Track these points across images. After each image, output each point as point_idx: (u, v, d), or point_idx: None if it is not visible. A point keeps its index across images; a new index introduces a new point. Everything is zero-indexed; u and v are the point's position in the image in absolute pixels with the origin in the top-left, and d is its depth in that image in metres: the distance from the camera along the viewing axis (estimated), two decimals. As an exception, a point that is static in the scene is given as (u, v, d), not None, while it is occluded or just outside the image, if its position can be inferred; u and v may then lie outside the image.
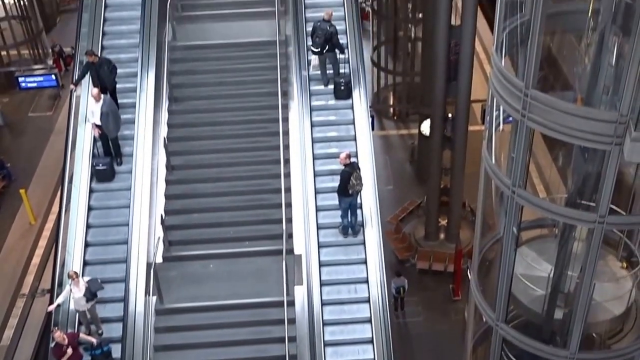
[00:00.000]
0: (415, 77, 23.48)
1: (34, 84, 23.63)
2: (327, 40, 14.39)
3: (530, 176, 17.30)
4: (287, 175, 13.69)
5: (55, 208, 19.40)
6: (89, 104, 13.83)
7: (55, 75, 23.74)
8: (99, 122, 13.38)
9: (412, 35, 23.39)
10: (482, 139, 10.65)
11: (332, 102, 14.87)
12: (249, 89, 15.36)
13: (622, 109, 7.99)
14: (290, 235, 12.99)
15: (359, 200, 13.33)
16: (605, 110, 9.00)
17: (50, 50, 25.83)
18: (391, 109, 25.59)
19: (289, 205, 13.20)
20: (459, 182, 18.91)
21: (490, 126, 10.47)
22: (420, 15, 22.38)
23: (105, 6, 16.04)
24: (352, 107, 14.76)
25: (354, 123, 14.55)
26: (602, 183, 8.81)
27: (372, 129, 15.69)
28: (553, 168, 14.88)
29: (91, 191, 13.58)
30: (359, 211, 13.32)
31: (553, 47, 10.36)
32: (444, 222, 19.97)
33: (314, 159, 14.03)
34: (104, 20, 15.86)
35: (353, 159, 13.05)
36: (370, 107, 15.58)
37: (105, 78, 13.90)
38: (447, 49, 16.98)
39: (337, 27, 14.73)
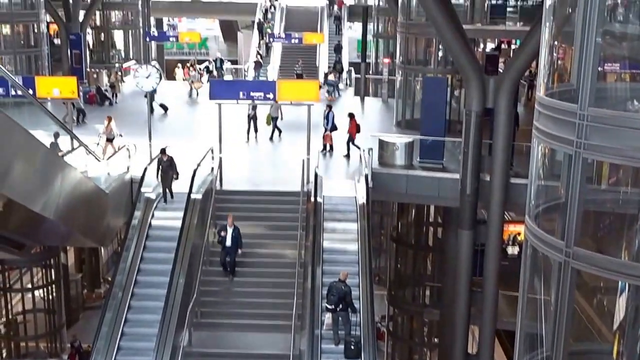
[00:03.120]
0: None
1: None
2: (341, 299, 15.15)
3: None
4: None
5: None
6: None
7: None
8: None
9: None
10: None
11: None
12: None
13: None
14: None
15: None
16: None
17: (69, 345, 25.99)
18: None
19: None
20: None
21: None
22: (436, 340, 22.57)
23: (129, 308, 16.66)
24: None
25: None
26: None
27: None
28: None
29: None
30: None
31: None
32: None
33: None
34: (125, 321, 16.36)
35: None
36: None
37: None
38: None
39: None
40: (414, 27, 26.55)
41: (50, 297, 23.69)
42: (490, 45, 38.16)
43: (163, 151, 19.11)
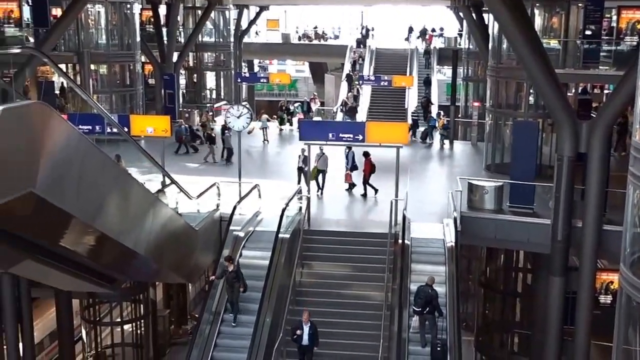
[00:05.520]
0: None
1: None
2: (427, 302, 15.80)
3: None
4: None
5: None
6: None
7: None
8: None
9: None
10: None
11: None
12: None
13: None
14: None
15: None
16: None
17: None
18: None
19: None
20: None
21: None
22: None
23: (215, 346, 16.77)
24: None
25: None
26: None
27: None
28: None
29: None
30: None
31: None
32: None
33: None
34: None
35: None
36: None
37: None
38: None
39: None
40: (504, 70, 26.20)
41: (139, 331, 24.14)
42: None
43: (229, 259, 17.55)
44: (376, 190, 23.27)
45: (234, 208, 19.65)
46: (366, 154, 23.54)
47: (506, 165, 24.47)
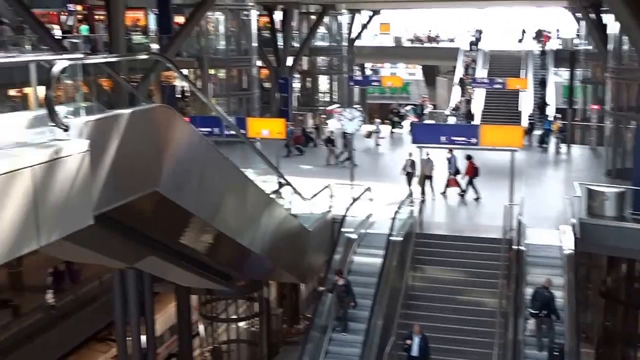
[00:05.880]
0: None
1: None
2: (544, 305, 15.54)
3: None
4: None
5: None
6: None
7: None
8: None
9: None
10: None
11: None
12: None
13: None
14: None
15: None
16: None
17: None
18: None
19: None
20: None
21: None
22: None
23: (330, 340, 17.00)
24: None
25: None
26: None
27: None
28: None
29: None
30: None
31: None
32: None
33: None
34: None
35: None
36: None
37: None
38: None
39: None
40: (625, 72, 25.09)
41: (253, 329, 24.73)
42: None
43: (339, 272, 17.46)
44: (478, 197, 22.83)
45: (347, 210, 19.79)
46: (469, 157, 23.17)
47: (629, 170, 23.37)
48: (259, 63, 37.80)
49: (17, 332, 17.73)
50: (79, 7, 40.16)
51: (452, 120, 38.81)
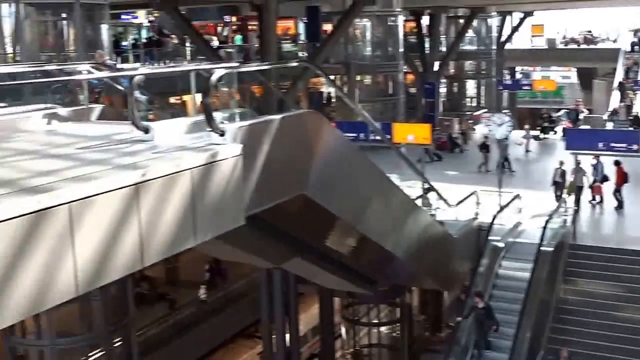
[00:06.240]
0: None
1: None
2: None
3: None
4: None
5: None
6: None
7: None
8: None
9: None
10: None
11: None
12: None
13: None
14: None
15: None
16: None
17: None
18: None
19: None
20: None
21: None
22: None
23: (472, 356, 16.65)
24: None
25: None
26: None
27: None
28: None
29: None
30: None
31: None
32: None
33: None
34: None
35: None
36: None
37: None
38: None
39: None
40: None
41: (395, 334, 24.62)
42: None
43: (478, 294, 16.74)
44: (620, 204, 21.51)
45: (494, 217, 19.31)
46: (617, 163, 21.89)
47: None
48: (405, 68, 37.76)
49: (172, 325, 18.79)
50: (234, 18, 41.95)
51: (609, 126, 36.81)
